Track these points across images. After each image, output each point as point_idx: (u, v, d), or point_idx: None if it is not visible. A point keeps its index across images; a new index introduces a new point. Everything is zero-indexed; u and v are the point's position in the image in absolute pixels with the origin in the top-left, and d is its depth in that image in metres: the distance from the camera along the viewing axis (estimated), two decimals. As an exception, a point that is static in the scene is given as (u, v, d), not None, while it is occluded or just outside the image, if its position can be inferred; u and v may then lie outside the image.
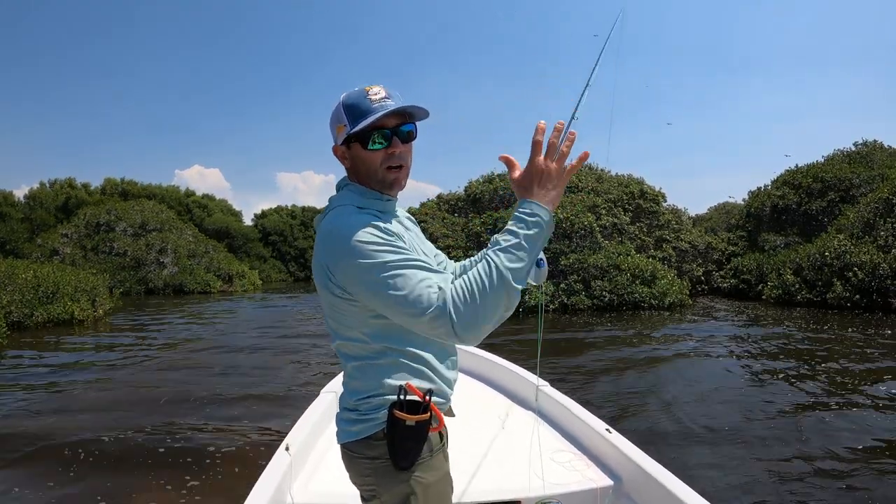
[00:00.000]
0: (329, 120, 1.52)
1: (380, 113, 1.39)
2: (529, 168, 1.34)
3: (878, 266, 16.27)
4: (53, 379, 8.46)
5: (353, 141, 1.46)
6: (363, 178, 1.51)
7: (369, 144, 1.44)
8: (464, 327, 1.23)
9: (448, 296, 1.24)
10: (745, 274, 21.72)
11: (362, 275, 1.32)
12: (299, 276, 52.19)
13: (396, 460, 1.40)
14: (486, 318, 1.24)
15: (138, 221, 35.37)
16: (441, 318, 1.23)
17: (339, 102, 1.46)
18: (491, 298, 1.23)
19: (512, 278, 1.24)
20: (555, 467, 2.77)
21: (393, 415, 1.39)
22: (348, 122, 1.43)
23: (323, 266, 1.40)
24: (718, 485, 4.32)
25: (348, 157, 1.50)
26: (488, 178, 23.46)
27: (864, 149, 26.56)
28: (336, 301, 1.41)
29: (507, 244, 1.28)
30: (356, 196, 1.49)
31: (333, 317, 1.46)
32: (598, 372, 8.51)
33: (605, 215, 20.15)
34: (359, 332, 1.43)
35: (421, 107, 1.46)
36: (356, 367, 1.46)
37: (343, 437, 1.50)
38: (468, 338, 1.25)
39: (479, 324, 1.24)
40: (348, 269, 1.34)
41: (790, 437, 5.38)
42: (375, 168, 1.47)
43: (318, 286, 1.44)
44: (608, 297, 17.39)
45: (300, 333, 13.80)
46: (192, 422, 6.21)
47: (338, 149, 1.52)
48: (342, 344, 1.48)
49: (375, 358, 1.44)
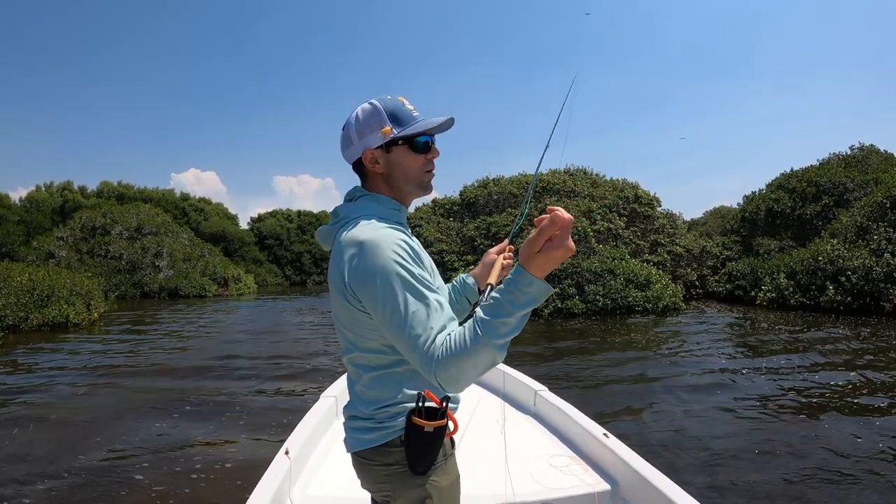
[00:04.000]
0: (352, 125, 1.52)
1: (433, 122, 1.49)
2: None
3: (872, 270, 16.34)
4: (45, 380, 8.44)
5: (400, 144, 1.49)
6: (398, 183, 1.53)
7: (416, 147, 1.49)
8: (447, 387, 1.27)
9: (438, 356, 1.25)
10: (740, 278, 21.77)
11: (382, 297, 1.33)
12: (295, 281, 52.05)
13: (414, 466, 1.43)
14: (469, 378, 1.27)
15: (134, 225, 35.25)
16: (429, 375, 1.27)
17: (377, 107, 1.49)
18: (475, 362, 1.24)
19: (501, 343, 1.24)
20: (552, 472, 2.79)
21: (411, 422, 1.42)
22: (394, 126, 1.48)
23: (343, 278, 1.39)
24: (715, 489, 4.35)
25: (383, 162, 1.51)
26: (483, 182, 23.51)
27: (859, 153, 26.63)
28: (355, 313, 1.41)
29: (497, 308, 1.25)
30: (377, 206, 1.51)
31: (352, 329, 1.46)
32: (593, 376, 8.53)
33: (599, 220, 20.19)
34: (379, 343, 1.44)
35: (452, 118, 1.54)
36: (374, 377, 1.47)
37: (356, 446, 1.51)
38: (452, 392, 1.32)
39: (462, 383, 1.27)
40: (370, 287, 1.34)
41: (785, 441, 5.41)
42: (417, 171, 1.52)
43: (337, 297, 1.44)
44: (602, 301, 17.42)
45: (298, 335, 13.79)
46: (190, 422, 6.21)
47: (370, 153, 1.51)
48: (359, 356, 1.48)
49: (393, 367, 1.45)
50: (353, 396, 1.56)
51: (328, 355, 10.82)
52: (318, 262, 52.83)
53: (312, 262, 53.41)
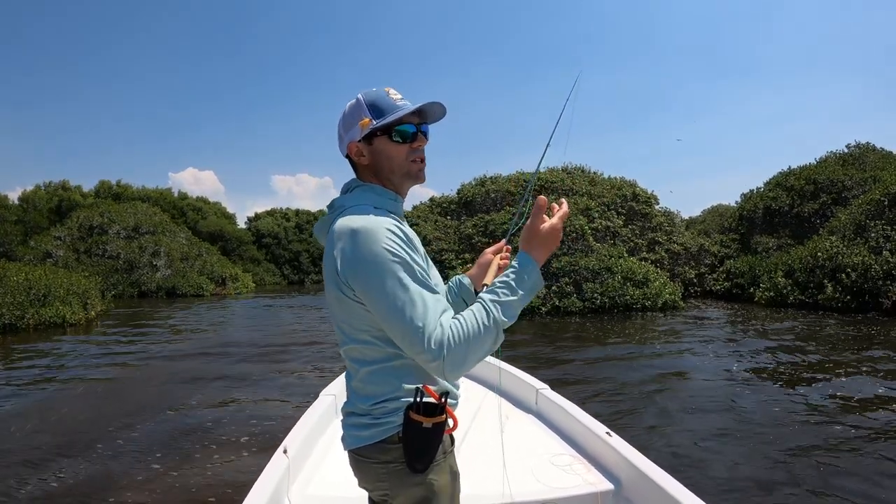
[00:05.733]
0: (340, 120, 1.53)
1: (408, 108, 1.46)
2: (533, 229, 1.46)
3: (870, 268, 16.35)
4: (38, 381, 8.41)
5: (379, 135, 1.48)
6: (384, 174, 1.52)
7: (395, 136, 1.47)
8: (452, 371, 1.29)
9: (445, 339, 1.27)
10: (738, 277, 21.77)
11: (377, 284, 1.31)
12: (293, 280, 52.01)
13: (412, 463, 1.39)
14: (473, 362, 1.32)
15: (132, 224, 35.19)
16: (435, 360, 1.27)
17: (359, 100, 1.49)
18: (482, 345, 1.31)
19: (507, 325, 1.35)
20: (554, 471, 2.76)
21: (409, 417, 1.38)
22: (373, 117, 1.46)
23: (336, 267, 1.37)
24: (719, 488, 4.33)
25: (367, 154, 1.51)
26: (480, 181, 23.48)
27: (856, 151, 26.66)
28: (348, 303, 1.39)
29: (501, 288, 1.37)
30: (372, 196, 1.50)
31: (345, 320, 1.43)
32: (592, 374, 8.52)
33: (597, 218, 20.18)
34: (371, 335, 1.41)
35: (440, 103, 1.51)
36: (370, 371, 1.43)
37: (353, 443, 1.47)
38: (452, 379, 1.34)
39: (466, 368, 1.31)
40: (363, 274, 1.33)
41: (786, 437, 5.40)
42: (401, 161, 1.50)
43: (329, 287, 1.43)
44: (600, 299, 17.41)
45: (295, 335, 13.75)
46: (187, 424, 6.18)
47: (354, 145, 1.51)
48: (353, 348, 1.45)
49: (389, 361, 1.42)
50: (350, 392, 1.52)
51: (328, 354, 10.79)
52: (316, 261, 52.75)
53: (310, 261, 53.36)
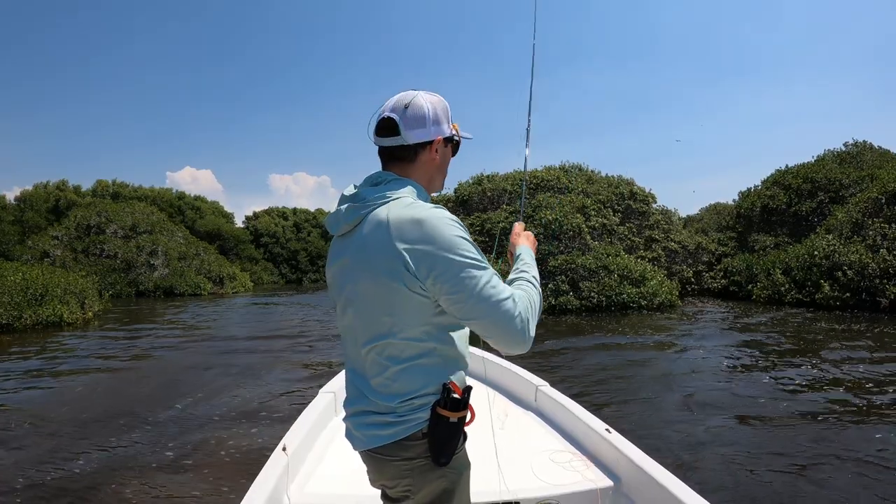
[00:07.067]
0: (430, 108, 1.51)
1: (465, 134, 1.66)
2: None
3: (867, 266, 16.38)
4: (36, 380, 8.39)
5: (454, 142, 1.61)
6: (432, 176, 1.59)
7: (456, 149, 1.64)
8: (529, 345, 1.40)
9: (528, 320, 1.39)
10: (735, 275, 21.80)
11: (460, 272, 1.33)
12: (291, 279, 51.88)
13: (438, 458, 1.41)
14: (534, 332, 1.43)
15: (129, 223, 35.04)
16: (525, 340, 1.37)
17: (445, 103, 1.57)
18: (537, 314, 1.47)
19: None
20: (554, 468, 2.77)
21: (436, 413, 1.39)
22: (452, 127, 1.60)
23: (401, 256, 1.33)
24: (718, 484, 4.34)
25: (440, 153, 1.57)
26: (477, 179, 23.46)
27: (854, 149, 26.73)
28: (408, 297, 1.36)
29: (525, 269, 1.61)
30: (418, 192, 1.51)
31: (393, 313, 1.39)
32: (591, 372, 8.53)
33: (594, 216, 20.18)
34: (420, 330, 1.40)
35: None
36: (402, 369, 1.41)
37: (373, 442, 1.46)
38: (526, 348, 1.41)
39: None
40: (443, 263, 1.33)
41: (785, 435, 5.42)
42: (445, 172, 1.63)
43: (384, 280, 1.37)
44: (597, 297, 17.40)
45: (293, 334, 13.73)
46: (187, 422, 6.17)
47: (440, 141, 1.55)
48: (392, 344, 1.41)
49: (421, 357, 1.42)
50: (367, 391, 1.47)
51: (327, 352, 10.79)
52: (314, 259, 52.66)
53: (308, 260, 53.22)
